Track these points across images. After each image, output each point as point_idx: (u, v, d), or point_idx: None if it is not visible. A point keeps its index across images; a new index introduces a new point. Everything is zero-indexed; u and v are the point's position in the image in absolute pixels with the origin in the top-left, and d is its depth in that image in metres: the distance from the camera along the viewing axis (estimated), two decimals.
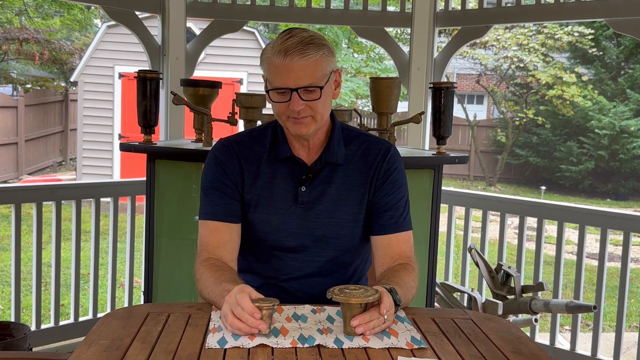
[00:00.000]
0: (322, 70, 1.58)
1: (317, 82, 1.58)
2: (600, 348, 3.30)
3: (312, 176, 1.69)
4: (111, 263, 3.56)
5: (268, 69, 1.59)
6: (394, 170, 1.73)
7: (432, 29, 3.67)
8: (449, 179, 15.02)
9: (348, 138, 1.74)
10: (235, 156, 1.71)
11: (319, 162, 1.70)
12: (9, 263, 3.84)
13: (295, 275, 1.71)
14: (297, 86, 1.56)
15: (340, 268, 1.75)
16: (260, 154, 1.71)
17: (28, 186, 3.36)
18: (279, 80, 1.57)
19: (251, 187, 1.70)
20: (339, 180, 1.71)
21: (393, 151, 1.76)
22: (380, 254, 1.71)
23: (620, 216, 3.27)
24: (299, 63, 1.55)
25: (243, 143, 1.73)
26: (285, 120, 1.63)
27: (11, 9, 13.49)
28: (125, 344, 1.34)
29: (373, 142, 1.76)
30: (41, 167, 13.43)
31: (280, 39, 1.57)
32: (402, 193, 1.74)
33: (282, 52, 1.55)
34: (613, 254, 7.09)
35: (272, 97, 1.60)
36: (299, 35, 1.57)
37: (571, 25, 13.15)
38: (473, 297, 3.01)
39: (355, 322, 1.38)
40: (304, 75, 1.56)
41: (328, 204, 1.69)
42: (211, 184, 1.71)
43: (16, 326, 2.92)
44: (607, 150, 13.74)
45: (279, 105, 1.60)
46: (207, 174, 1.73)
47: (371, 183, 1.72)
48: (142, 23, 3.58)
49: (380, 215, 1.71)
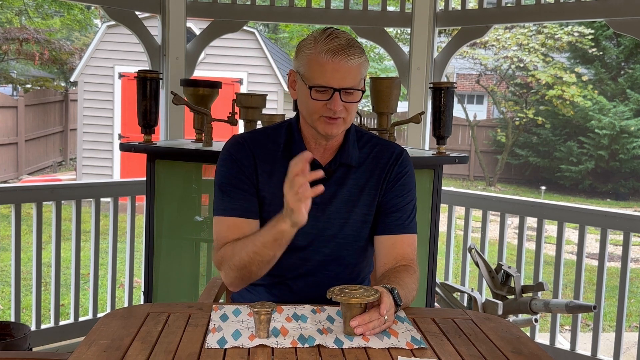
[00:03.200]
0: (361, 74, 1.61)
1: (357, 85, 1.60)
2: (600, 348, 3.30)
3: (326, 177, 1.69)
4: (111, 263, 3.56)
5: (309, 65, 1.59)
6: (405, 173, 1.75)
7: (432, 29, 3.68)
8: (449, 179, 15.02)
9: (361, 140, 1.76)
10: (250, 153, 1.71)
11: (334, 163, 1.71)
12: (9, 263, 3.84)
13: (302, 273, 1.72)
14: (340, 87, 1.57)
15: (346, 268, 1.75)
16: (275, 153, 1.71)
17: (28, 186, 3.36)
18: (322, 79, 1.57)
19: (265, 185, 1.70)
20: (351, 182, 1.72)
21: (405, 155, 1.78)
22: (383, 254, 1.72)
23: (620, 216, 3.27)
24: (346, 64, 1.56)
25: (257, 141, 1.73)
26: (316, 119, 1.62)
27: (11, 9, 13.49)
28: (125, 344, 1.34)
29: (385, 145, 1.78)
30: (41, 167, 13.44)
31: (325, 37, 1.57)
32: (410, 197, 1.75)
33: (331, 51, 1.55)
34: (613, 254, 7.09)
35: (312, 94, 1.59)
36: (344, 37, 1.58)
37: (571, 25, 13.16)
38: (473, 297, 3.01)
39: (354, 323, 1.38)
40: (348, 77, 1.57)
41: (340, 205, 1.70)
42: (228, 180, 1.70)
43: (16, 326, 2.92)
44: (607, 150, 13.75)
45: (316, 103, 1.60)
46: (223, 171, 1.72)
47: (382, 185, 1.73)
48: (142, 23, 3.58)
49: (387, 216, 1.72)
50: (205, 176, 2.94)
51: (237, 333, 1.39)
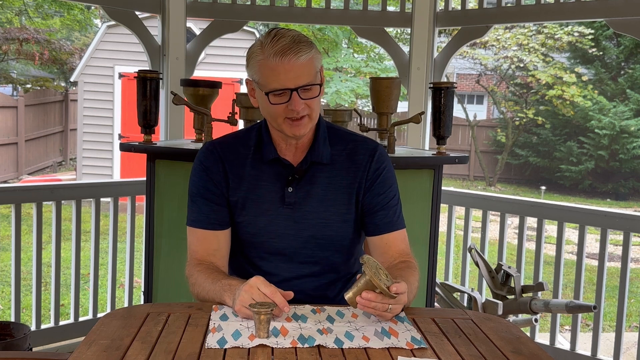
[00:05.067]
0: (314, 67, 1.58)
1: (313, 79, 1.58)
2: (600, 348, 3.30)
3: (298, 177, 1.68)
4: (111, 263, 3.56)
5: (260, 72, 1.57)
6: (383, 169, 1.72)
7: (432, 29, 3.68)
8: (449, 179, 15.02)
9: (334, 138, 1.73)
10: (220, 159, 1.70)
11: (305, 162, 1.69)
12: (9, 263, 3.84)
13: (286, 277, 1.70)
14: (296, 86, 1.55)
15: (331, 269, 1.74)
16: (245, 156, 1.71)
17: (28, 186, 3.36)
18: (276, 82, 1.55)
19: (236, 190, 1.69)
20: (325, 180, 1.70)
21: (380, 150, 1.75)
22: (379, 254, 1.71)
23: (620, 216, 3.27)
24: (296, 63, 1.54)
25: (228, 145, 1.73)
26: (281, 122, 1.61)
27: (11, 9, 13.49)
28: (125, 344, 1.34)
29: (360, 142, 1.74)
30: (41, 167, 13.43)
31: (269, 40, 1.55)
32: (393, 192, 1.73)
33: (278, 53, 1.53)
34: (613, 254, 7.08)
35: (271, 99, 1.58)
36: (289, 35, 1.56)
37: (571, 25, 13.15)
38: (473, 297, 3.01)
39: (365, 295, 1.40)
40: (302, 74, 1.55)
41: (315, 204, 1.68)
42: (197, 190, 1.71)
43: (16, 326, 2.92)
44: (607, 150, 13.74)
45: (276, 107, 1.58)
46: (194, 180, 1.73)
47: (360, 183, 1.71)
48: (142, 23, 3.58)
49: (373, 216, 1.71)
50: None
51: (237, 333, 1.39)
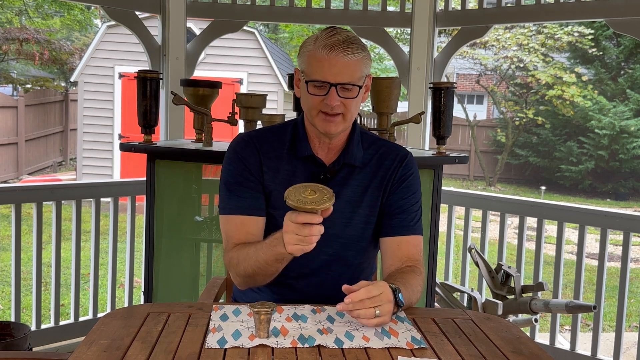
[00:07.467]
0: (360, 71, 1.61)
1: (355, 81, 1.60)
2: (600, 348, 3.30)
3: (329, 176, 1.70)
4: (111, 263, 3.56)
5: (308, 62, 1.61)
6: (410, 175, 1.76)
7: (432, 29, 3.67)
8: (449, 179, 15.02)
9: (366, 142, 1.76)
10: (256, 151, 1.71)
11: (338, 162, 1.71)
12: (9, 263, 3.84)
13: (304, 272, 1.72)
14: (336, 82, 1.58)
15: (347, 268, 1.75)
16: (280, 151, 1.72)
17: (28, 186, 3.36)
18: (319, 74, 1.58)
19: (271, 182, 1.71)
20: (355, 182, 1.72)
21: (410, 158, 1.78)
22: (389, 256, 1.72)
23: (620, 216, 3.27)
24: (342, 60, 1.57)
25: (263, 138, 1.74)
26: (315, 115, 1.63)
27: (11, 9, 13.50)
28: (125, 344, 1.34)
29: (391, 148, 1.79)
30: (41, 167, 13.43)
31: (325, 34, 1.60)
32: (415, 198, 1.76)
33: (328, 46, 1.57)
34: (613, 254, 7.08)
35: (309, 89, 1.61)
36: (344, 34, 1.60)
37: (571, 25, 13.15)
38: (473, 297, 3.01)
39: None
40: (345, 73, 1.58)
41: (343, 204, 1.70)
42: (234, 178, 1.71)
43: (16, 326, 2.92)
44: (607, 150, 13.75)
45: (313, 98, 1.61)
46: (229, 169, 1.72)
47: (386, 187, 1.73)
48: (142, 23, 3.58)
49: (392, 218, 1.72)
50: (205, 176, 2.95)
51: (237, 333, 1.39)
